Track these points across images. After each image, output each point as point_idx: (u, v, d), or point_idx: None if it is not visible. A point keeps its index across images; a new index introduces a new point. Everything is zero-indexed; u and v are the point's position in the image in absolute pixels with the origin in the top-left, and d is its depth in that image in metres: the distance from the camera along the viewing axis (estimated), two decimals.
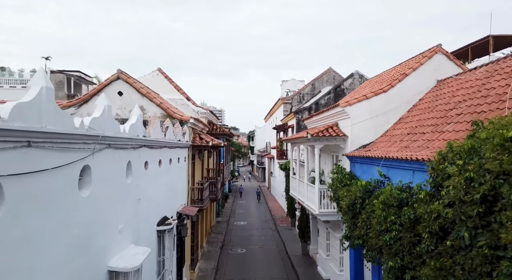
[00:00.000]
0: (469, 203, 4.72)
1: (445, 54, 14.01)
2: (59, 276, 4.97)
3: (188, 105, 21.96)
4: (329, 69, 37.68)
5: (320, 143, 14.57)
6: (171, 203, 12.42)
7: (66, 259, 5.18)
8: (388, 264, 7.36)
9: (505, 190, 4.15)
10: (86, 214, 5.82)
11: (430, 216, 5.84)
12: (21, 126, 4.02)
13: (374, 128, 13.66)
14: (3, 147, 3.82)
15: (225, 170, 31.98)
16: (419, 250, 6.29)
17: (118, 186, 7.31)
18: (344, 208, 10.67)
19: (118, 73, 15.32)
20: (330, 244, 16.66)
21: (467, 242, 4.69)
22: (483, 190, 4.48)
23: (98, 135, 5.98)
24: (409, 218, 6.84)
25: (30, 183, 4.26)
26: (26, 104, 4.20)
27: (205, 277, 17.18)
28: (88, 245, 5.91)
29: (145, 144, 8.94)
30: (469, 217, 4.71)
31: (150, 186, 9.55)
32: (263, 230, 28.33)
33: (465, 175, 4.86)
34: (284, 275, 17.79)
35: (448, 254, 5.32)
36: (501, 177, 4.30)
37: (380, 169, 10.05)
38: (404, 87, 13.90)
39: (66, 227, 5.16)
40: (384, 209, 7.85)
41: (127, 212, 7.81)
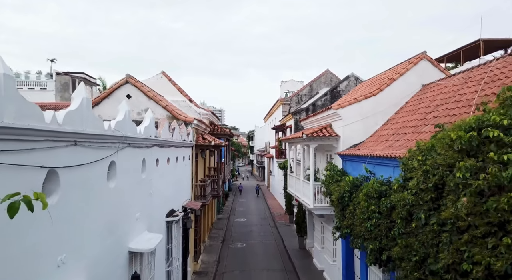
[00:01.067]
0: (425, 191, 5.87)
1: (430, 60, 15.15)
2: (95, 250, 6.11)
3: (191, 106, 23.08)
4: (327, 71, 38.78)
5: (315, 142, 15.71)
6: (177, 198, 13.55)
7: (100, 238, 6.32)
8: (369, 247, 8.51)
9: (449, 179, 5.29)
10: (112, 202, 6.96)
11: (400, 203, 6.99)
12: (70, 129, 5.16)
13: (364, 129, 14.79)
14: (59, 145, 4.96)
15: (225, 168, 33.12)
16: (393, 233, 7.42)
17: (136, 180, 8.44)
18: (334, 201, 11.83)
19: (126, 77, 16.45)
20: (324, 237, 17.81)
21: (423, 221, 5.83)
22: (435, 180, 5.63)
23: (122, 135, 7.12)
24: (386, 207, 7.98)
25: (75, 174, 5.39)
26: (73, 111, 5.34)
27: (208, 268, 18.31)
28: (114, 228, 7.05)
29: (157, 143, 10.08)
30: (425, 202, 5.85)
31: (160, 181, 10.68)
32: (262, 226, 29.48)
33: (423, 168, 6.01)
34: (282, 267, 18.93)
35: (413, 233, 6.46)
36: (447, 169, 5.44)
37: (367, 166, 11.19)
38: (392, 91, 15.03)
39: (99, 212, 6.30)
40: (366, 200, 9.00)
41: (142, 203, 8.95)
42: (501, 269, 4.02)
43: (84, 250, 5.74)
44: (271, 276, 17.61)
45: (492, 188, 4.47)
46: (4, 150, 3.80)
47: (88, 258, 5.82)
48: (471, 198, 4.68)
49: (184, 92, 24.49)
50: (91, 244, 5.95)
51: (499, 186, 4.39)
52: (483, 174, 4.60)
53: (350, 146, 14.63)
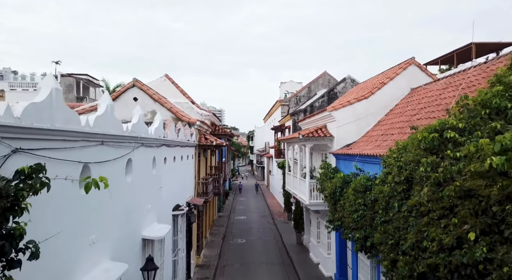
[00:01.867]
0: (398, 183, 6.89)
1: (418, 65, 16.18)
2: (116, 235, 7.12)
3: (193, 108, 24.08)
4: (324, 72, 39.78)
5: (310, 142, 16.73)
6: (182, 194, 14.56)
7: (120, 225, 7.34)
8: (356, 236, 9.52)
9: (416, 173, 6.30)
10: (129, 195, 7.97)
11: (380, 196, 8.00)
12: (99, 131, 6.17)
13: (356, 129, 15.80)
14: (91, 144, 5.97)
15: (226, 168, 34.14)
16: (375, 222, 8.43)
17: (147, 175, 9.46)
18: (327, 196, 12.85)
19: (133, 81, 17.47)
20: (320, 232, 18.82)
21: (396, 209, 6.85)
22: (406, 174, 6.64)
23: (137, 136, 8.14)
24: (370, 200, 8.98)
25: (102, 168, 6.40)
26: (100, 116, 6.35)
27: (209, 262, 19.32)
28: (131, 217, 8.07)
29: (165, 143, 11.10)
30: (398, 192, 6.87)
31: (167, 177, 11.69)
32: (261, 223, 30.49)
33: (398, 164, 7.02)
34: (280, 260, 19.95)
35: (390, 221, 7.47)
36: (415, 165, 6.45)
37: (356, 164, 12.20)
38: (382, 94, 16.05)
39: (119, 202, 7.31)
40: (354, 194, 10.02)
41: (153, 196, 9.97)
42: (449, 243, 5.03)
43: (109, 234, 6.75)
44: (270, 269, 18.62)
45: (447, 179, 5.48)
46: (55, 148, 4.81)
47: (111, 241, 6.84)
48: (431, 188, 5.70)
49: (186, 94, 25.51)
50: (113, 230, 6.97)
51: (452, 178, 5.40)
52: (440, 168, 5.62)
53: (344, 145, 15.64)
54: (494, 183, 4.15)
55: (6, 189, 2.88)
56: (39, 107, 4.42)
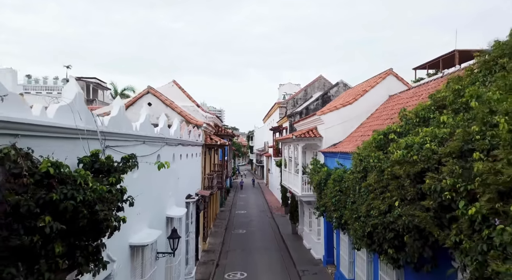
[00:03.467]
0: (359, 172, 9.39)
1: (395, 75, 18.69)
2: (151, 212, 9.61)
3: (198, 111, 26.56)
4: (320, 76, 42.28)
5: (303, 142, 19.23)
6: (192, 186, 17.04)
7: (153, 205, 9.82)
8: (334, 216, 12.02)
9: (369, 164, 8.80)
10: (158, 182, 10.45)
11: (350, 183, 10.49)
12: (143, 133, 8.66)
13: (342, 131, 18.29)
14: (137, 143, 8.46)
15: (228, 165, 36.63)
16: (347, 203, 10.92)
17: (170, 168, 11.92)
18: (315, 187, 15.35)
19: (148, 88, 19.98)
20: (311, 221, 21.31)
21: (357, 191, 9.34)
22: (364, 165, 9.14)
23: (164, 137, 10.63)
24: (344, 187, 11.47)
25: (145, 160, 8.88)
26: (143, 123, 8.84)
27: (214, 248, 21.82)
28: (159, 199, 10.55)
29: (180, 142, 13.58)
30: (359, 178, 9.37)
31: (182, 171, 14.17)
32: (260, 217, 33.01)
33: (359, 158, 9.53)
34: (277, 247, 22.45)
35: (355, 202, 9.96)
36: (369, 158, 8.94)
37: (338, 160, 14.68)
38: (365, 100, 18.55)
39: (153, 187, 9.79)
40: (333, 183, 12.50)
41: (173, 185, 12.45)
42: (384, 209, 7.51)
43: (147, 210, 9.23)
44: (267, 253, 21.10)
45: (384, 167, 7.97)
46: (121, 145, 7.29)
47: (148, 215, 9.32)
48: (376, 173, 8.18)
49: (192, 98, 28.01)
50: (149, 207, 9.46)
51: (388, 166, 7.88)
52: (382, 160, 8.10)
53: (331, 145, 18.14)
54: (402, 167, 6.61)
55: (119, 167, 5.36)
56: (116, 119, 6.92)
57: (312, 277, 16.97)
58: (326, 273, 17.39)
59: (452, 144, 5.59)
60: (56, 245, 3.76)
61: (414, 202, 6.30)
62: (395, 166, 6.96)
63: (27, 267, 3.54)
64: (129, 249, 7.98)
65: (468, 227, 4.64)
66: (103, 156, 5.51)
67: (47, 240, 3.68)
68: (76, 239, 4.25)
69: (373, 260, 11.57)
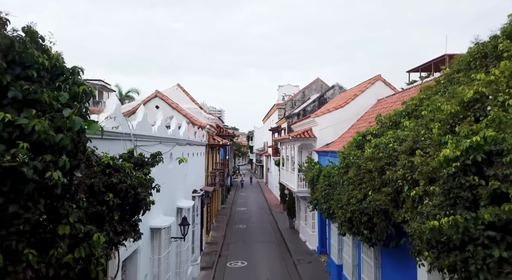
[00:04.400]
0: (343, 168, 11.03)
1: (383, 81, 20.33)
2: (165, 203, 11.24)
3: (201, 112, 28.20)
4: (317, 79, 43.89)
5: (298, 142, 20.87)
6: (197, 182, 18.68)
7: (167, 197, 11.46)
8: (323, 207, 13.65)
9: (350, 161, 10.43)
10: (170, 177, 12.08)
11: (336, 177, 12.13)
12: (159, 135, 10.30)
13: (334, 132, 19.93)
14: (156, 143, 10.10)
15: (229, 164, 38.26)
16: (334, 195, 12.54)
17: (179, 165, 13.54)
18: (308, 183, 16.98)
19: (155, 93, 21.62)
20: (307, 215, 22.94)
21: (341, 184, 10.98)
22: (346, 162, 10.78)
23: (175, 138, 12.27)
24: (332, 181, 13.10)
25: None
26: (159, 126, 10.47)
27: (216, 240, 23.46)
28: (171, 192, 12.18)
29: (188, 142, 15.22)
30: (343, 173, 11.00)
31: (189, 168, 15.80)
32: (260, 213, 34.66)
33: (343, 156, 11.17)
34: (275, 240, 24.10)
35: (340, 193, 11.59)
36: (350, 156, 10.57)
37: (329, 158, 16.31)
38: (355, 104, 20.19)
39: (167, 180, 11.42)
40: (324, 179, 14.13)
41: (182, 180, 14.09)
42: (360, 197, 9.14)
43: (162, 200, 10.86)
44: (266, 245, 22.75)
45: (361, 163, 9.61)
46: (144, 145, 8.93)
47: (163, 204, 10.95)
48: (355, 168, 9.82)
49: (195, 101, 29.63)
50: (165, 198, 11.09)
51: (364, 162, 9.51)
52: (360, 158, 9.74)
53: (324, 145, 19.78)
54: (372, 162, 8.24)
55: (149, 161, 7.00)
56: (141, 124, 8.56)
57: (306, 265, 18.60)
58: (319, 261, 19.04)
59: (406, 144, 7.22)
60: (115, 214, 5.40)
61: (380, 190, 7.94)
62: (368, 162, 8.60)
63: (97, 227, 5.18)
64: (149, 231, 9.62)
65: (411, 205, 6.28)
66: (136, 153, 7.14)
67: (110, 210, 5.31)
68: (124, 213, 5.88)
69: (357, 245, 13.20)
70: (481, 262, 4.25)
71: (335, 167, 13.98)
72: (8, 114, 2.84)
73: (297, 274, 17.42)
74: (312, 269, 18.00)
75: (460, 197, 4.77)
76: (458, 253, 4.59)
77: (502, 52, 7.92)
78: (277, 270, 18.08)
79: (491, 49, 8.61)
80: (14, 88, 2.94)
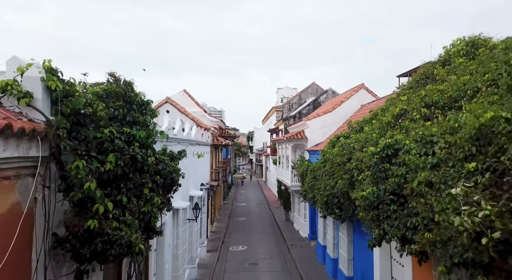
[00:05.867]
0: (324, 162, 13.94)
1: (366, 89, 23.24)
2: (180, 191, 14.13)
3: (205, 116, 31.12)
4: (313, 83, 46.81)
5: (292, 142, 23.78)
6: (203, 177, 21.59)
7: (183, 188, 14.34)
8: (309, 196, 16.55)
9: (327, 157, 13.33)
10: (185, 170, 14.96)
11: (320, 171, 15.04)
12: (178, 136, 13.21)
13: (323, 133, 22.83)
14: (175, 143, 13.01)
15: (230, 163, 41.17)
16: (317, 186, 15.44)
17: (191, 161, 16.48)
18: (299, 177, 19.89)
19: (166, 99, 24.55)
20: (300, 207, 25.87)
21: (321, 176, 13.87)
22: (325, 158, 13.69)
23: (188, 139, 15.18)
24: (317, 175, 15.99)
25: None
26: (178, 130, 13.38)
27: (220, 230, 26.37)
28: (186, 183, 15.06)
29: (197, 143, 18.13)
30: (323, 167, 13.91)
31: (197, 164, 18.70)
32: (259, 208, 37.57)
33: (323, 153, 14.08)
34: (271, 230, 27.00)
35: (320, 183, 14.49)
36: (328, 153, 13.47)
37: (317, 156, 19.22)
38: (342, 109, 23.09)
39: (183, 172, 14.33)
40: (310, 173, 17.04)
41: (193, 174, 16.99)
42: (332, 184, 12.04)
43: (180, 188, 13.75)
44: (264, 234, 25.65)
45: (333, 159, 12.52)
46: (169, 145, 11.83)
47: (180, 193, 13.83)
48: (330, 163, 12.73)
49: (200, 105, 32.57)
50: (181, 187, 13.99)
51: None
52: (332, 154, 12.65)
53: (314, 144, 22.68)
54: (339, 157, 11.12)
55: (178, 156, 9.89)
56: (168, 130, 11.46)
57: (298, 249, 21.51)
58: (309, 246, 21.95)
59: (359, 143, 10.12)
60: (160, 189, 8.30)
61: (344, 177, 10.84)
62: (337, 157, 11.52)
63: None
64: (172, 210, 12.52)
65: (359, 186, 9.18)
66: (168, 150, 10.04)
67: (158, 187, 8.21)
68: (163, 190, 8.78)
69: (336, 227, 16.08)
70: (385, 214, 7.18)
71: (319, 162, 16.90)
72: (127, 128, 5.75)
73: (290, 256, 20.31)
74: (303, 251, 20.91)
75: (379, 176, 7.70)
76: (376, 210, 7.51)
77: (435, 76, 10.86)
78: (273, 253, 20.98)
79: (430, 73, 11.54)
80: (129, 115, 5.85)
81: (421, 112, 8.38)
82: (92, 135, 5.02)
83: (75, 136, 4.89)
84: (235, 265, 18.78)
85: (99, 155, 5.17)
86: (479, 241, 3.95)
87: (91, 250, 5.01)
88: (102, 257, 5.18)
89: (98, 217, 4.97)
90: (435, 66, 11.50)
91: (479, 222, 3.94)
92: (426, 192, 5.58)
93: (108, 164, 5.22)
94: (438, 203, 4.84)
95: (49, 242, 4.87)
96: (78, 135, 4.89)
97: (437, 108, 8.25)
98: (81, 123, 4.89)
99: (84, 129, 4.93)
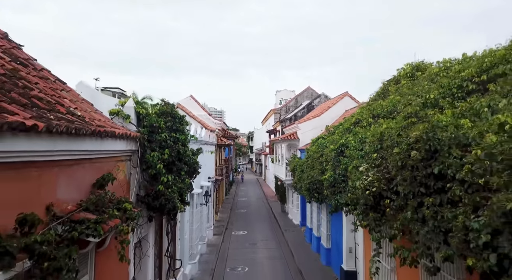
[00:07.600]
0: (307, 158, 17.66)
1: (350, 96, 26.97)
2: (196, 180, 17.88)
3: (210, 118, 34.87)
4: (308, 87, 50.55)
5: (286, 142, 27.52)
6: (210, 172, 25.31)
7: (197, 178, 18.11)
8: (298, 186, 20.26)
9: (310, 154, 17.05)
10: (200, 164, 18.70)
11: (304, 165, 18.76)
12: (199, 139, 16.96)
13: (312, 135, 26.44)
14: (193, 142, 16.75)
15: (232, 162, 44.90)
16: (302, 177, 19.14)
17: (202, 158, 20.18)
18: (291, 171, 23.63)
19: (177, 104, 28.26)
20: (293, 199, 29.60)
21: (306, 169, 17.58)
22: (310, 154, 17.42)
23: (203, 140, 18.91)
24: (303, 168, 19.69)
25: None
26: (193, 132, 17.10)
27: (223, 219, 30.10)
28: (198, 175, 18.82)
29: (207, 143, 21.85)
30: (306, 161, 17.63)
31: (206, 160, 22.40)
32: (258, 202, 41.31)
33: (307, 151, 17.81)
34: (268, 219, 30.75)
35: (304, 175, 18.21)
36: (315, 153, 17.18)
37: (305, 154, 22.91)
38: (329, 113, 26.81)
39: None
40: (299, 167, 20.74)
41: (203, 168, 20.68)
42: (312, 174, 15.76)
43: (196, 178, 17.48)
44: (262, 223, 29.37)
45: (313, 155, 16.23)
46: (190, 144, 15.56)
47: (195, 181, 17.56)
48: (311, 158, 16.44)
49: (205, 109, 36.33)
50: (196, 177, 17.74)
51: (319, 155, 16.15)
52: (313, 151, 16.36)
53: (304, 144, 26.38)
54: (317, 154, 14.79)
55: (198, 151, 13.61)
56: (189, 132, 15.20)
57: (291, 233, 25.24)
58: (300, 231, 25.68)
59: (333, 144, 13.82)
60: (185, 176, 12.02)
61: (318, 168, 14.54)
62: (315, 154, 15.25)
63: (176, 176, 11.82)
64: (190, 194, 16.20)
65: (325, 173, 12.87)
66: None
67: (185, 173, 11.92)
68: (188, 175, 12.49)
69: (319, 211, 19.77)
70: (338, 190, 10.90)
71: (304, 158, 20.61)
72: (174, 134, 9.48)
73: (283, 238, 24.04)
74: (294, 235, 24.64)
75: (335, 165, 11.43)
76: (333, 188, 11.23)
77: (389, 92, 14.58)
78: (269, 236, 24.71)
79: (386, 90, 15.25)
80: (174, 125, 9.58)
81: (369, 121, 12.09)
82: (158, 138, 8.75)
83: (149, 139, 8.62)
84: (237, 244, 22.52)
85: (161, 150, 8.89)
86: (368, 193, 7.67)
87: (157, 204, 8.73)
88: (163, 209, 8.91)
89: (162, 185, 8.69)
90: (390, 84, 15.21)
91: (367, 183, 7.66)
92: (354, 172, 9.31)
93: (166, 155, 8.94)
94: (355, 176, 8.57)
95: (134, 198, 8.59)
96: (151, 138, 8.62)
97: (379, 118, 11.96)
98: (153, 131, 8.63)
99: (154, 135, 8.66)
